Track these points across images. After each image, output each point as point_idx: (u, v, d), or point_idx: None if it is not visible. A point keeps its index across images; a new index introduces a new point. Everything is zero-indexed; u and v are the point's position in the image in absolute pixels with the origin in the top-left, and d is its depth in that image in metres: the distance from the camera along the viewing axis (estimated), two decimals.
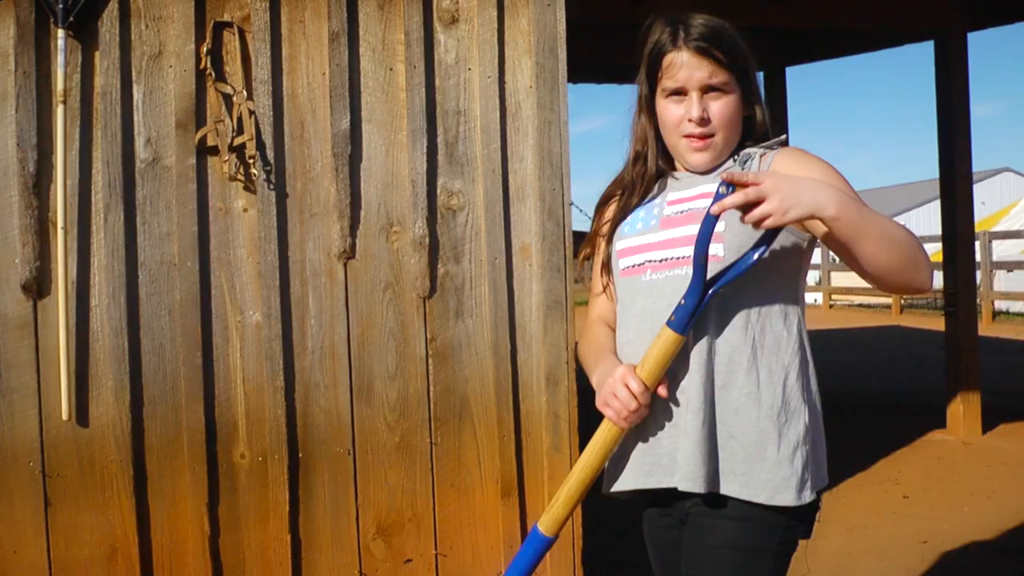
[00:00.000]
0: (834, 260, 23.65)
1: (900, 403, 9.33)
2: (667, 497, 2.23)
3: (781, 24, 7.79)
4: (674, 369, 2.13)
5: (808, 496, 2.08)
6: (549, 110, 3.88)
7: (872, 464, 6.73)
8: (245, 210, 3.70)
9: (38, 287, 3.56)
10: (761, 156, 2.18)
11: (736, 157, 2.23)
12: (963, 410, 7.76)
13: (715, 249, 2.11)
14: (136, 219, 3.63)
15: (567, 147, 3.91)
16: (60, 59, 3.55)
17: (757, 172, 1.98)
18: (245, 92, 3.65)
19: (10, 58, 3.56)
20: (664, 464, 2.19)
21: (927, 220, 42.71)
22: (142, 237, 3.64)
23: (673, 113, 2.23)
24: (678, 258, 2.20)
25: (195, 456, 3.66)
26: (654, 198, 2.32)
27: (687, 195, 2.22)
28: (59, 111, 3.55)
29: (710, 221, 2.01)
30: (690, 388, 2.12)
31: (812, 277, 21.85)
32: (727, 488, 2.10)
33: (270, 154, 3.68)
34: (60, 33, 3.54)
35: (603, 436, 2.17)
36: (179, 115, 3.65)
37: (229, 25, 3.68)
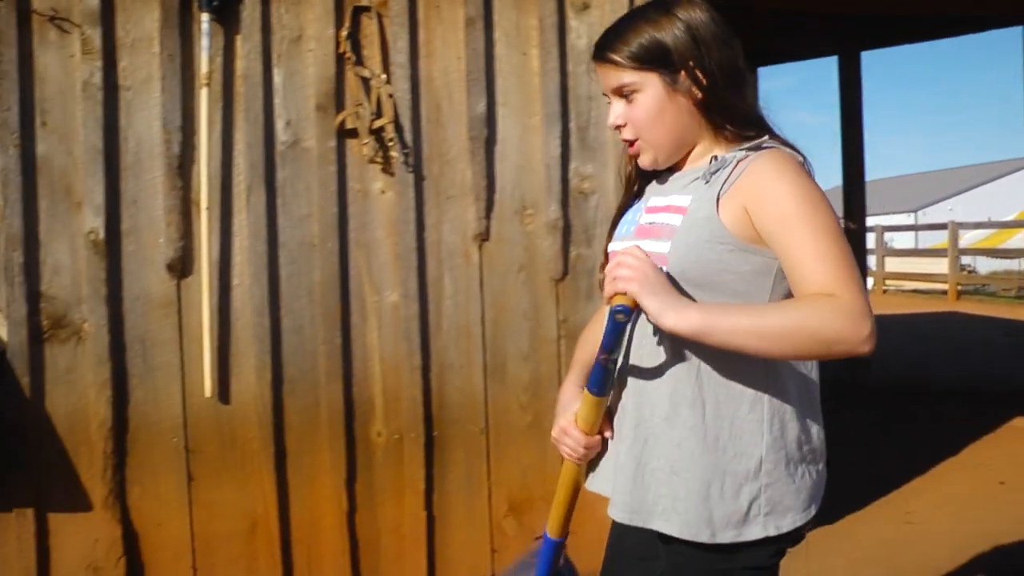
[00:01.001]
0: (888, 245, 23.54)
1: (974, 389, 9.26)
2: None
3: (863, 11, 7.75)
4: (615, 400, 2.06)
5: (756, 533, 1.91)
6: None
7: (960, 449, 6.70)
8: (383, 192, 3.75)
9: (182, 267, 3.64)
10: (738, 162, 1.94)
11: (715, 159, 1.99)
12: None
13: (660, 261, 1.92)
14: (277, 200, 3.70)
15: None
16: (204, 42, 3.61)
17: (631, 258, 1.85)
18: (384, 76, 3.70)
19: (155, 41, 3.63)
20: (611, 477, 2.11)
21: (975, 205, 42.40)
22: (282, 218, 3.70)
23: None
24: None
25: (334, 434, 3.73)
26: (642, 199, 2.17)
27: (659, 204, 2.05)
28: (203, 93, 3.62)
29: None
30: (624, 423, 2.02)
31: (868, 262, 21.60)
32: (667, 527, 1.94)
33: (408, 137, 3.73)
34: (204, 17, 3.60)
35: (567, 467, 2.17)
36: (319, 98, 3.70)
37: (367, 10, 3.73)
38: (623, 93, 1.99)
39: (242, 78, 3.68)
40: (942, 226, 21.20)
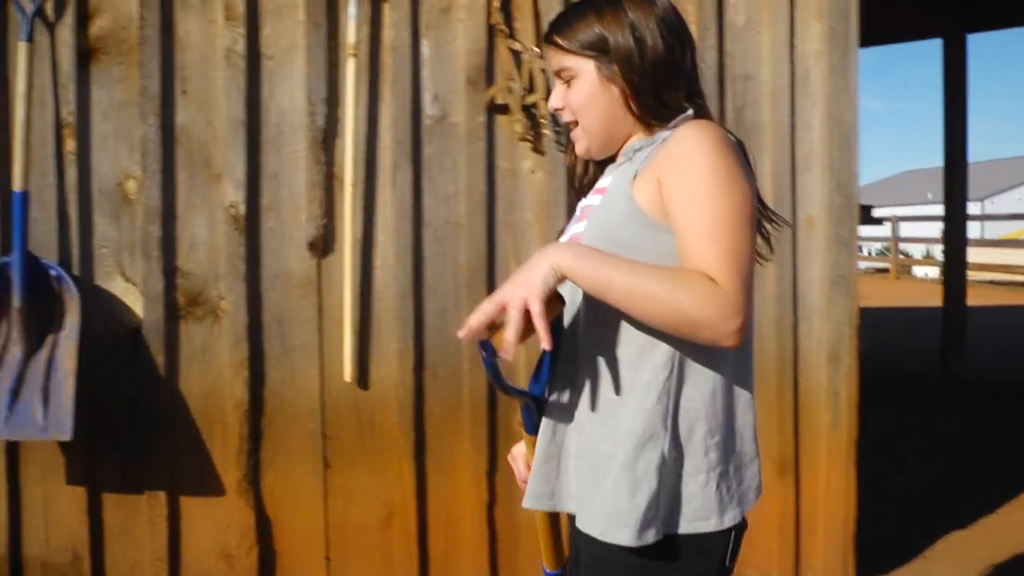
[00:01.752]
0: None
1: None
2: None
3: None
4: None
5: (651, 536, 1.75)
6: (840, 76, 3.72)
7: None
8: (532, 172, 3.59)
9: (323, 245, 3.49)
10: (663, 141, 1.84)
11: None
12: None
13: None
14: (423, 178, 3.54)
15: (856, 115, 3.74)
16: (351, 11, 3.46)
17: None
18: (536, 49, 3.53)
19: (300, 8, 3.47)
20: None
21: None
22: (428, 196, 3.55)
23: None
24: None
25: (475, 422, 3.58)
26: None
27: (595, 189, 2.01)
28: (349, 64, 3.46)
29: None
30: (549, 413, 1.92)
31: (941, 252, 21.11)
32: (572, 509, 1.89)
33: None
34: None
35: None
36: (469, 72, 3.54)
37: None
38: (563, 77, 1.94)
39: (389, 49, 3.52)
40: (1022, 216, 20.69)
